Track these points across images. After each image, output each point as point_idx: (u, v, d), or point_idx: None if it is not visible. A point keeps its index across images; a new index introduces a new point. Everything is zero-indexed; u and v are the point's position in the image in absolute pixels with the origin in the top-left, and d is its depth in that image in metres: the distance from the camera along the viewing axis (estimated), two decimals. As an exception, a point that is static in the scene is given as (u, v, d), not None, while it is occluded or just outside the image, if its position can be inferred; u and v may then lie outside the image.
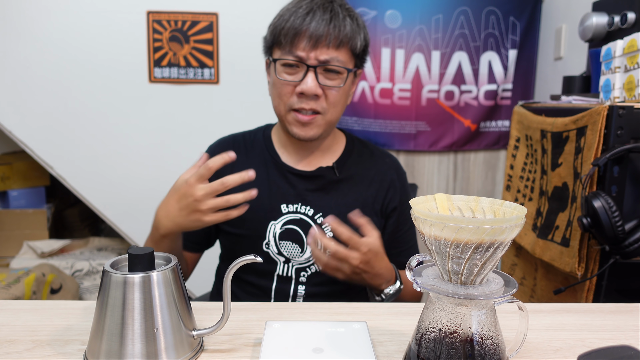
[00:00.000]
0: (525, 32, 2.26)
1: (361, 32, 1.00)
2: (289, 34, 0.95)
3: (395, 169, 1.14)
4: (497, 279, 0.54)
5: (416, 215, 0.51)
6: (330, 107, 0.99)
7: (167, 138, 2.28)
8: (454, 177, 2.39)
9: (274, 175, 1.06)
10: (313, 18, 0.94)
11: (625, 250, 1.05)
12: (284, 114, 1.01)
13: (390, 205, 1.10)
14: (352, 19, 0.98)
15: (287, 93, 0.98)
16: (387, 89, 2.25)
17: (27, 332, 0.67)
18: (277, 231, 1.03)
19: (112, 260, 0.62)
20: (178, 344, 0.59)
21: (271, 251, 1.03)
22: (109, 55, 2.18)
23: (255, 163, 1.07)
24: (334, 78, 0.98)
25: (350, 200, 1.06)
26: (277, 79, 0.99)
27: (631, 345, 0.49)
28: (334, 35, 0.94)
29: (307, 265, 1.04)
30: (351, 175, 1.08)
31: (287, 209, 1.04)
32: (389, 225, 1.11)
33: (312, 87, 0.95)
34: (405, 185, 1.15)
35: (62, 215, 2.85)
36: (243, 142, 1.12)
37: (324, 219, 1.03)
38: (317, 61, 0.95)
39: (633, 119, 1.08)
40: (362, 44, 1.00)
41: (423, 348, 0.54)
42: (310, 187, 1.05)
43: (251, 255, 0.61)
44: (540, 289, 1.40)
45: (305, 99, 0.97)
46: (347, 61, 0.98)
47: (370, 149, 1.15)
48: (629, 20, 1.33)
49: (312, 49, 0.95)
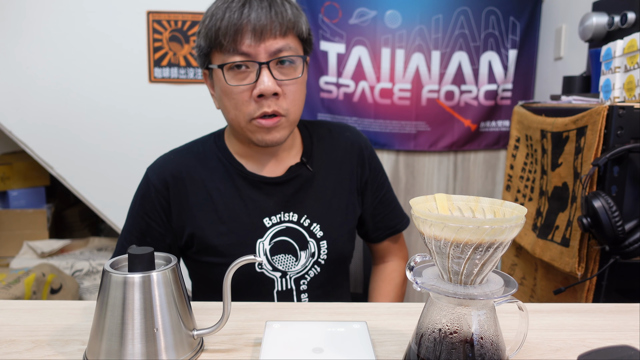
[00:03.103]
0: (525, 32, 2.26)
1: (302, 16, 0.92)
2: (228, 32, 0.85)
3: (358, 141, 1.08)
4: (497, 279, 0.54)
5: (416, 215, 0.51)
6: (291, 105, 0.90)
7: (167, 138, 2.27)
8: (454, 177, 2.39)
9: (245, 189, 0.97)
10: (251, 9, 0.85)
11: (625, 250, 1.05)
12: (245, 125, 0.90)
13: (363, 179, 1.06)
14: (290, 3, 0.90)
15: (244, 101, 0.88)
16: (387, 89, 2.25)
17: (27, 332, 0.67)
18: (266, 248, 0.95)
19: (112, 260, 0.62)
20: (178, 344, 0.59)
21: (265, 270, 0.96)
22: (109, 55, 2.18)
23: (218, 178, 0.97)
24: (290, 70, 0.89)
25: (328, 191, 1.01)
26: (228, 87, 0.88)
27: (631, 345, 0.49)
28: (278, 22, 0.85)
29: (305, 271, 0.98)
30: (320, 164, 1.02)
31: (270, 221, 0.96)
32: (366, 196, 1.07)
33: (271, 86, 0.86)
34: (371, 152, 1.09)
35: (62, 215, 2.85)
36: (194, 156, 0.99)
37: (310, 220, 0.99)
38: (267, 55, 0.86)
39: (633, 119, 1.08)
40: (307, 28, 0.93)
41: (423, 348, 0.54)
42: (287, 191, 0.98)
43: (251, 256, 0.61)
44: (540, 289, 1.40)
45: (265, 101, 0.87)
46: (297, 48, 0.90)
47: (326, 127, 1.08)
48: (629, 20, 1.33)
49: (259, 42, 0.85)
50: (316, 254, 0.99)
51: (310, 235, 0.98)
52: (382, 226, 1.10)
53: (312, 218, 0.99)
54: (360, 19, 2.19)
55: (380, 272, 1.14)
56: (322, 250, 0.99)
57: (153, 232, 0.96)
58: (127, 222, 0.99)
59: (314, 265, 0.99)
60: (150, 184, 0.97)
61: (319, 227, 0.99)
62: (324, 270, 1.00)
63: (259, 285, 0.96)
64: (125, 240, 0.98)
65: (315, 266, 0.99)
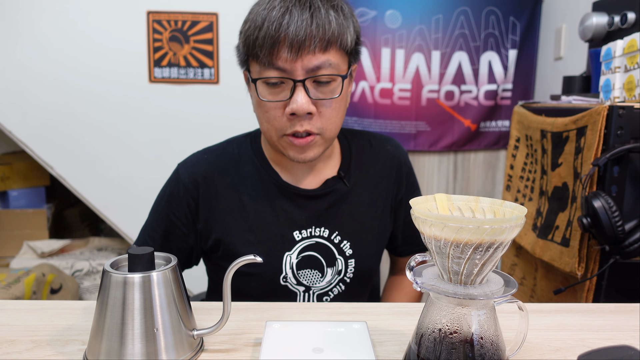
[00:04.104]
0: (525, 32, 2.26)
1: (350, 24, 0.84)
2: (265, 44, 0.79)
3: (398, 156, 1.03)
4: (497, 279, 0.54)
5: (416, 215, 0.51)
6: (327, 124, 0.85)
7: (167, 138, 2.28)
8: (454, 177, 2.39)
9: (278, 200, 0.93)
10: (291, 19, 0.78)
11: (625, 250, 1.05)
12: (277, 140, 0.87)
13: (398, 197, 1.03)
14: (337, 10, 0.82)
15: (276, 117, 0.84)
16: (387, 89, 2.25)
17: (27, 332, 0.67)
18: (293, 262, 0.92)
19: (112, 260, 0.62)
20: (178, 344, 0.59)
21: (290, 283, 0.93)
22: (109, 55, 2.18)
23: (251, 184, 0.93)
24: (327, 89, 0.83)
25: (362, 208, 0.97)
26: (261, 101, 0.84)
27: (631, 345, 0.49)
28: (319, 37, 0.79)
29: (329, 288, 0.95)
30: (357, 179, 0.98)
31: (300, 235, 0.93)
32: (399, 213, 1.04)
33: (304, 105, 0.80)
34: (409, 169, 1.05)
35: (62, 215, 2.85)
36: (228, 158, 0.96)
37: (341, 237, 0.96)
38: (304, 72, 0.80)
39: (633, 119, 1.08)
40: (352, 38, 0.85)
41: (423, 348, 0.54)
42: (321, 206, 0.94)
43: (251, 256, 0.61)
44: (540, 289, 1.40)
45: (298, 120, 0.83)
46: (339, 63, 0.83)
47: (367, 138, 1.04)
48: (629, 20, 1.33)
49: (296, 58, 0.79)
50: (343, 271, 0.95)
51: (339, 253, 0.95)
52: (411, 242, 1.07)
53: (343, 235, 0.95)
54: (360, 18, 2.19)
55: (398, 283, 1.11)
56: (349, 268, 0.96)
57: (177, 231, 0.94)
58: (151, 217, 0.96)
59: (339, 282, 0.96)
60: (180, 182, 0.93)
61: (349, 244, 0.95)
62: (349, 288, 0.97)
63: (281, 297, 0.93)
64: (149, 236, 0.95)
65: (340, 284, 0.96)
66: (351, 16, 0.86)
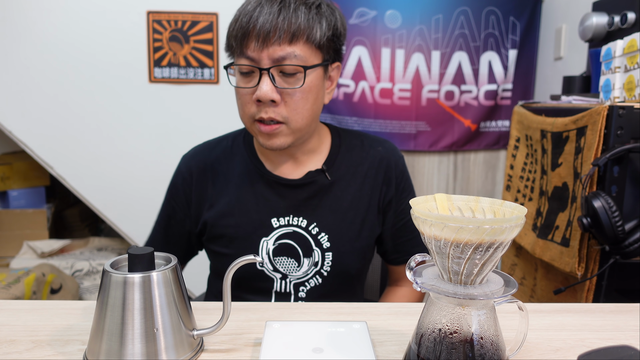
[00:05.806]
0: (525, 32, 2.26)
1: (322, 20, 0.88)
2: (237, 35, 0.87)
3: (388, 157, 1.04)
4: (497, 279, 0.54)
5: (416, 215, 0.51)
6: (292, 113, 0.89)
7: (167, 138, 2.28)
8: (454, 177, 2.39)
9: (259, 187, 0.98)
10: (260, 12, 0.85)
11: (625, 250, 1.05)
12: (250, 126, 0.93)
13: (386, 198, 1.02)
14: (309, 7, 0.87)
15: (247, 102, 0.90)
16: (387, 89, 2.25)
17: (27, 332, 0.67)
18: (270, 247, 0.96)
19: (112, 260, 0.62)
20: (178, 344, 0.59)
21: (266, 269, 0.96)
22: (109, 55, 2.18)
23: (238, 173, 1.00)
24: (293, 79, 0.88)
25: (344, 203, 0.99)
26: (236, 88, 0.92)
27: (631, 345, 0.49)
28: (284, 29, 0.84)
29: (306, 279, 0.97)
30: (342, 174, 1.00)
31: (278, 222, 0.97)
32: (388, 217, 1.03)
33: (268, 92, 0.86)
34: (402, 172, 1.05)
35: (62, 215, 2.85)
36: (221, 150, 1.04)
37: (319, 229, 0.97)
38: (270, 61, 0.86)
39: (633, 119, 1.08)
40: (323, 34, 0.89)
41: (423, 348, 0.54)
42: (301, 196, 0.98)
43: (251, 255, 0.61)
44: (540, 289, 1.40)
45: (264, 107, 0.88)
46: (307, 56, 0.87)
47: (360, 139, 1.06)
48: (629, 20, 1.33)
49: (263, 48, 0.85)
50: (319, 263, 0.97)
51: (316, 244, 0.97)
52: (402, 250, 1.06)
53: (321, 227, 0.97)
54: (360, 19, 2.19)
55: (391, 295, 1.10)
56: (326, 261, 0.97)
57: (177, 216, 1.04)
58: (161, 206, 1.08)
59: (316, 274, 0.97)
60: (179, 172, 1.05)
61: (327, 237, 0.97)
62: (327, 282, 0.97)
63: (259, 282, 0.97)
64: (157, 223, 1.08)
65: (317, 276, 0.97)
66: (330, 14, 0.91)
